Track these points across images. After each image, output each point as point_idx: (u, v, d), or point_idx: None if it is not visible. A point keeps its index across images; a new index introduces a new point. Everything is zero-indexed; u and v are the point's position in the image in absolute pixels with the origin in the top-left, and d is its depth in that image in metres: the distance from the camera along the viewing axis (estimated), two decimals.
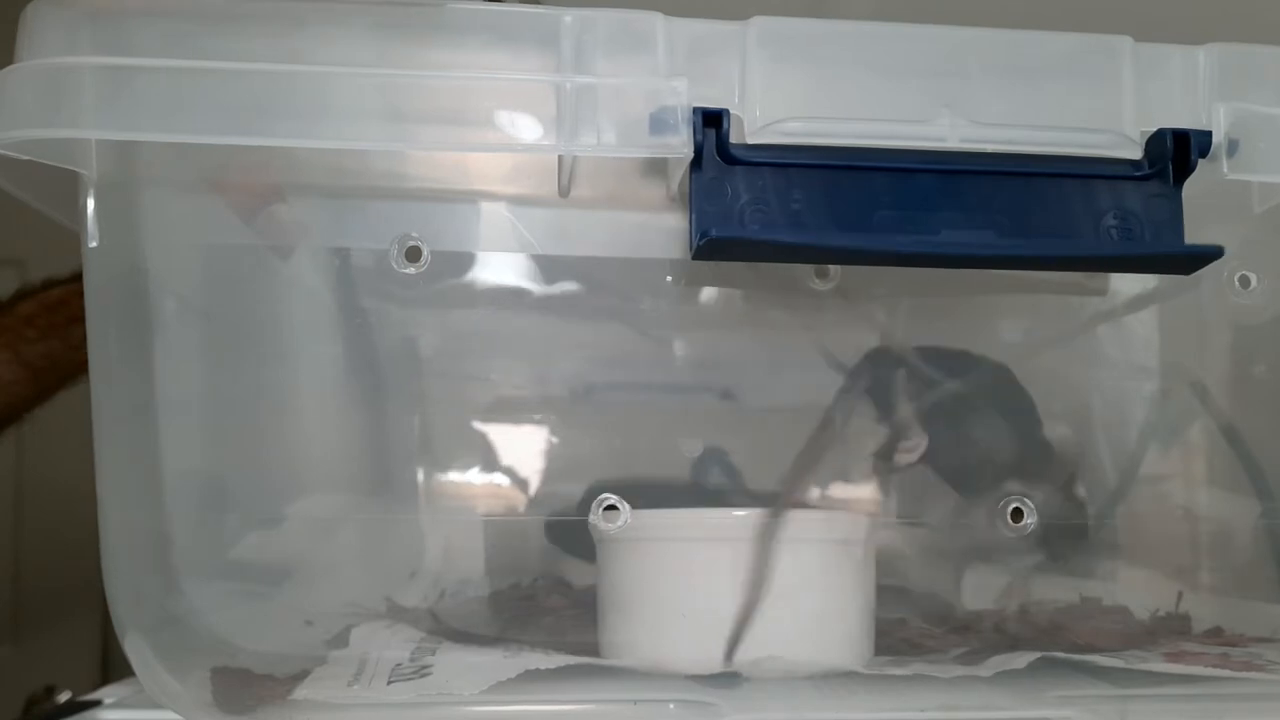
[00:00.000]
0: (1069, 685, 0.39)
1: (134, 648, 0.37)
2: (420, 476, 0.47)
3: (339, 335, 0.46)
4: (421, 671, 0.39)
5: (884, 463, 0.46)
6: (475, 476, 0.47)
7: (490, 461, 0.47)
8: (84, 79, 0.36)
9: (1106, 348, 0.51)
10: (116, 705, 0.41)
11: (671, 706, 0.37)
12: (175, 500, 0.40)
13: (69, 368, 0.78)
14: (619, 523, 0.40)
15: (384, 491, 0.47)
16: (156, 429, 0.40)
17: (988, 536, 0.48)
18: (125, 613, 0.37)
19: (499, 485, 0.48)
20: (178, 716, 0.37)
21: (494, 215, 0.44)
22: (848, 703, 0.38)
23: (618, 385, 0.48)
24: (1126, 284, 0.49)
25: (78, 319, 0.76)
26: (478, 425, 0.47)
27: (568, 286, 0.46)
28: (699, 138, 0.37)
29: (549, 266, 0.45)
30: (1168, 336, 0.50)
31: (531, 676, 0.37)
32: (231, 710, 0.36)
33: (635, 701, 0.38)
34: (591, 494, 0.43)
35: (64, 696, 0.44)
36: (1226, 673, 0.40)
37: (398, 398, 0.46)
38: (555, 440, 0.47)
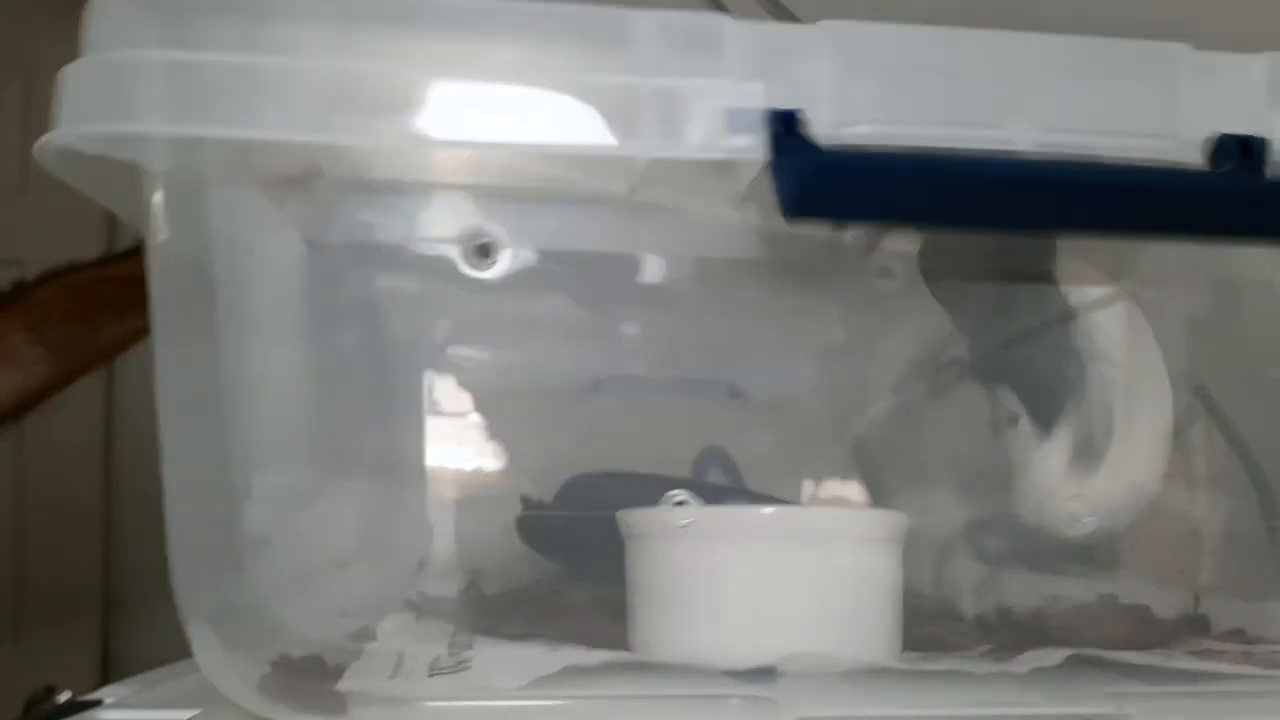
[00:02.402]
0: (1101, 682, 0.39)
1: (199, 637, 0.37)
2: (438, 467, 0.47)
3: (383, 326, 0.46)
4: (460, 665, 0.39)
5: None
6: (496, 469, 0.47)
7: (514, 456, 0.47)
8: (152, 73, 0.36)
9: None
10: (116, 705, 0.40)
11: (734, 702, 0.37)
12: (243, 490, 0.40)
13: (92, 352, 0.78)
14: (685, 520, 0.40)
15: (396, 480, 0.47)
16: (223, 420, 0.40)
17: (1011, 536, 0.49)
18: (191, 602, 0.37)
19: (521, 479, 0.48)
20: (179, 717, 0.37)
21: (563, 213, 0.44)
22: (896, 699, 0.38)
23: (634, 380, 0.48)
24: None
25: (103, 305, 0.76)
26: (492, 417, 0.47)
27: (633, 283, 0.46)
28: (776, 140, 0.37)
29: (615, 264, 0.45)
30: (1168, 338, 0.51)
31: (572, 672, 0.37)
32: (290, 701, 0.36)
33: (699, 696, 0.38)
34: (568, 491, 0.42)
35: (64, 696, 0.43)
36: (1256, 670, 0.40)
37: (405, 390, 0.46)
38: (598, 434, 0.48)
